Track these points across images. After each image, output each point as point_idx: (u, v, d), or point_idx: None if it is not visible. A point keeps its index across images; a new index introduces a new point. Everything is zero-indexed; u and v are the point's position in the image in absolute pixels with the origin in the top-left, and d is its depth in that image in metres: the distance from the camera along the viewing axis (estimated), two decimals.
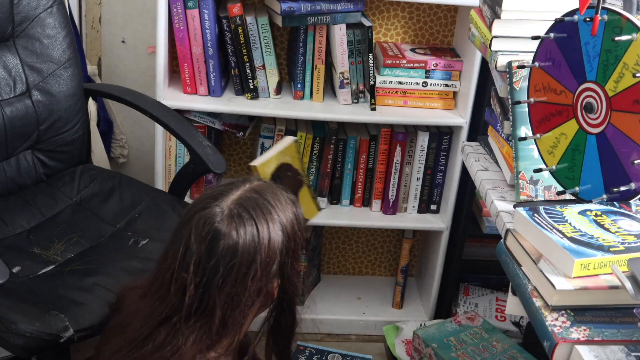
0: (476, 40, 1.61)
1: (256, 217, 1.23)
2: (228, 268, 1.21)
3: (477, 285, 2.49)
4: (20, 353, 1.51)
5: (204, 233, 1.21)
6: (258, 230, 1.23)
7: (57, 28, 1.90)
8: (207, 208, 1.23)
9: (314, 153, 2.24)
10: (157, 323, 1.24)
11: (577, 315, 1.07)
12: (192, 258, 1.21)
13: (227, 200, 1.25)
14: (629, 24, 1.15)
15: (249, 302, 1.25)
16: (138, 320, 1.27)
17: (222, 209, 1.23)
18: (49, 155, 1.95)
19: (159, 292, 1.26)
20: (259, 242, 1.23)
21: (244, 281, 1.22)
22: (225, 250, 1.20)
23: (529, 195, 1.38)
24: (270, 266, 1.26)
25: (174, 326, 1.23)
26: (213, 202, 1.24)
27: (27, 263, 1.67)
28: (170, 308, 1.23)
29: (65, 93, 1.92)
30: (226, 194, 1.26)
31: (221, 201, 1.24)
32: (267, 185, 1.31)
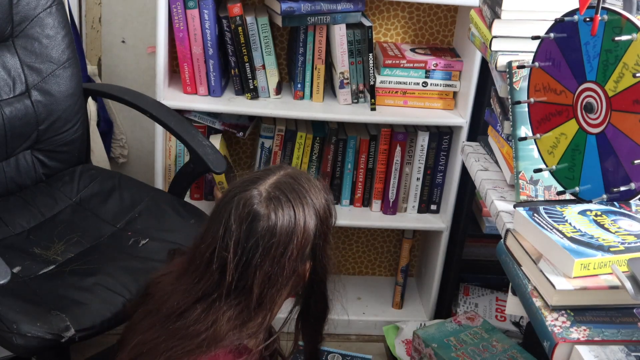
0: (476, 40, 1.61)
1: (293, 200, 1.30)
2: (267, 248, 1.27)
3: (477, 285, 2.49)
4: (22, 353, 1.51)
5: (244, 214, 1.27)
6: (295, 213, 1.30)
7: (57, 28, 1.90)
8: (246, 190, 1.30)
9: (314, 153, 2.24)
10: (194, 300, 1.30)
11: (577, 315, 1.07)
12: (231, 238, 1.27)
13: (265, 184, 1.31)
14: (629, 24, 1.15)
15: (284, 281, 1.31)
16: (174, 298, 1.32)
17: (261, 191, 1.30)
18: (49, 155, 1.95)
19: (196, 271, 1.32)
20: (296, 223, 1.29)
21: (281, 261, 1.29)
22: (264, 230, 1.27)
23: (529, 195, 1.38)
24: (305, 247, 1.32)
25: (212, 303, 1.29)
26: (252, 185, 1.31)
27: (27, 263, 1.67)
28: (207, 286, 1.29)
29: (65, 93, 1.92)
30: (264, 178, 1.33)
31: (259, 185, 1.31)
32: (301, 172, 1.38)
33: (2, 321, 1.46)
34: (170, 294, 1.35)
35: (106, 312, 1.56)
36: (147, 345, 1.31)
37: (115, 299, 1.59)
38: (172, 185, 1.98)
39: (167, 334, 1.30)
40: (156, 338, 1.31)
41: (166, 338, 1.29)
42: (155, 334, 1.31)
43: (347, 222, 2.30)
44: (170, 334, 1.30)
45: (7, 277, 1.41)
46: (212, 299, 1.29)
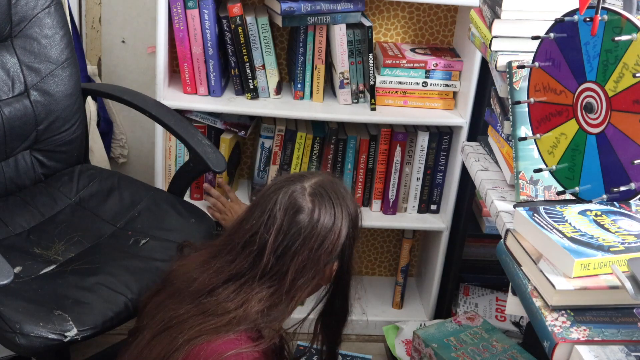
0: (476, 40, 1.61)
1: (334, 200, 1.42)
2: (306, 238, 1.38)
3: (477, 285, 2.49)
4: (25, 353, 1.51)
5: (289, 205, 1.39)
6: (335, 211, 1.41)
7: (55, 28, 1.90)
8: (293, 184, 1.42)
9: (314, 153, 2.24)
10: (225, 279, 1.40)
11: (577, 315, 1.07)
12: (274, 224, 1.38)
13: (309, 181, 1.44)
14: (629, 24, 1.15)
15: (315, 273, 1.42)
16: (203, 277, 1.41)
17: (305, 187, 1.42)
18: (48, 155, 1.95)
19: (231, 252, 1.42)
20: (334, 221, 1.41)
21: (317, 253, 1.40)
22: (306, 222, 1.39)
23: (529, 195, 1.38)
24: (338, 246, 1.43)
25: (244, 283, 1.38)
26: (297, 181, 1.43)
27: (28, 263, 1.67)
28: (241, 267, 1.40)
29: (64, 93, 1.92)
30: (307, 177, 1.45)
31: (304, 181, 1.43)
32: (339, 179, 1.52)
33: (5, 321, 1.46)
34: (199, 274, 1.43)
35: (108, 312, 1.56)
36: (175, 319, 1.38)
37: (117, 299, 1.59)
38: (171, 184, 1.98)
39: (196, 309, 1.38)
40: (184, 313, 1.38)
41: (195, 313, 1.37)
42: (183, 310, 1.39)
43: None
44: (199, 310, 1.37)
45: (10, 277, 1.41)
46: (244, 280, 1.39)
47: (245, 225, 1.42)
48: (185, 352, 1.32)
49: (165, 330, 1.38)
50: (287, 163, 2.24)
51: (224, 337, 1.34)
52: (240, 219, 1.46)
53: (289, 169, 2.24)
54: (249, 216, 1.43)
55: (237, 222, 1.47)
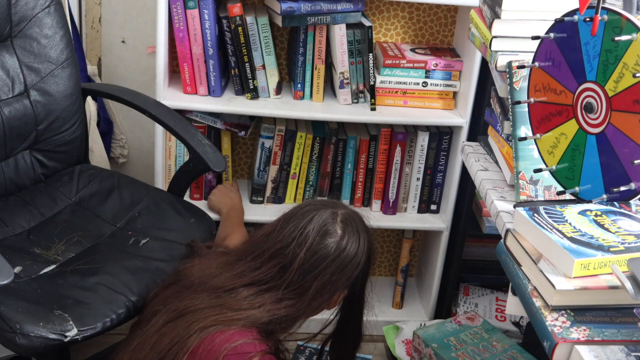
0: (476, 40, 1.61)
1: (360, 231, 1.52)
2: (332, 261, 1.48)
3: (477, 285, 2.49)
4: (25, 353, 1.51)
5: (322, 228, 1.48)
6: (359, 242, 1.51)
7: (55, 28, 1.90)
8: (327, 209, 1.52)
9: (314, 153, 2.24)
10: (248, 282, 1.48)
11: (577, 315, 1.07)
12: (305, 242, 1.47)
13: (340, 210, 1.53)
14: (629, 24, 1.15)
15: (330, 296, 1.53)
16: (224, 276, 1.50)
17: (337, 214, 1.52)
18: (47, 156, 1.95)
19: (257, 259, 1.50)
20: (357, 251, 1.51)
21: (337, 277, 1.49)
22: (335, 247, 1.48)
23: (529, 195, 1.38)
24: (354, 275, 1.53)
25: (266, 290, 1.47)
26: (331, 207, 1.53)
27: (28, 263, 1.67)
28: (267, 275, 1.48)
29: (64, 93, 1.92)
30: (340, 206, 1.55)
31: (337, 209, 1.53)
32: (360, 213, 1.59)
33: (5, 321, 1.46)
34: (220, 273, 1.51)
35: (108, 312, 1.56)
36: (190, 308, 1.44)
37: (117, 299, 1.59)
38: (171, 184, 1.98)
39: (213, 301, 1.45)
40: (200, 303, 1.45)
41: (212, 305, 1.44)
42: (200, 300, 1.46)
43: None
44: (216, 302, 1.45)
45: (10, 277, 1.41)
46: (266, 287, 1.47)
47: (276, 237, 1.51)
48: (199, 339, 1.38)
49: (180, 317, 1.44)
50: (287, 163, 2.24)
51: (237, 329, 1.40)
52: (269, 229, 1.54)
53: (289, 169, 2.25)
54: (281, 229, 1.51)
55: (265, 232, 1.54)
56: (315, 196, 2.30)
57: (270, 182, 2.26)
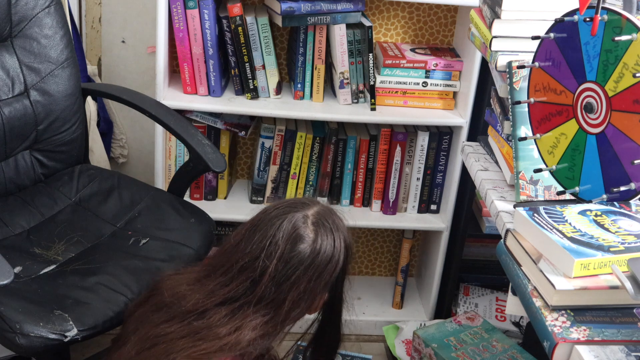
0: (476, 40, 1.61)
1: (334, 230, 1.41)
2: (307, 268, 1.36)
3: (477, 285, 2.49)
4: (25, 353, 1.51)
5: (292, 234, 1.37)
6: (334, 242, 1.40)
7: (55, 28, 1.90)
8: (294, 212, 1.40)
9: (314, 153, 2.24)
10: (218, 302, 1.35)
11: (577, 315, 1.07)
12: (275, 252, 1.35)
13: (310, 210, 1.41)
14: (629, 24, 1.15)
15: (309, 304, 1.42)
16: (194, 297, 1.37)
17: (307, 215, 1.40)
18: (47, 156, 1.95)
19: (227, 274, 1.38)
20: (334, 252, 1.40)
21: (315, 284, 1.38)
22: (308, 253, 1.37)
23: (529, 195, 1.38)
24: (333, 276, 1.42)
25: (238, 308, 1.35)
26: (298, 209, 1.41)
27: (28, 263, 1.67)
28: (237, 291, 1.36)
29: (63, 93, 1.92)
30: (309, 205, 1.43)
31: (305, 210, 1.41)
32: (333, 209, 1.48)
33: (5, 321, 1.46)
34: (190, 293, 1.38)
35: (108, 312, 1.56)
36: (163, 338, 1.34)
37: (117, 298, 1.59)
38: (171, 184, 1.98)
39: (186, 330, 1.34)
40: (173, 332, 1.34)
41: (185, 335, 1.33)
42: (172, 328, 1.35)
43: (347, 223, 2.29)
44: (190, 331, 1.34)
45: (10, 277, 1.41)
46: (238, 305, 1.35)
47: (244, 249, 1.38)
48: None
49: (153, 347, 1.35)
50: (287, 163, 2.24)
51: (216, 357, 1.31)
52: (236, 240, 1.41)
53: (289, 169, 2.25)
54: (248, 239, 1.39)
55: (233, 242, 1.42)
56: (316, 196, 2.30)
57: (270, 182, 2.26)
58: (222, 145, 2.25)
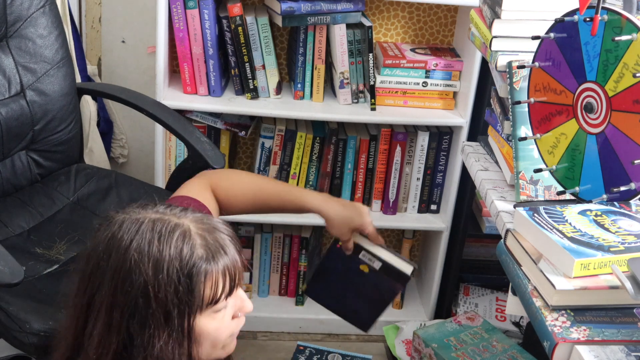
0: (476, 40, 1.61)
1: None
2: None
3: (477, 285, 2.49)
4: (34, 352, 1.52)
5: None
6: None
7: (50, 27, 1.90)
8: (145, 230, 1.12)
9: (314, 153, 2.24)
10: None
11: (577, 315, 1.07)
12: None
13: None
14: (629, 24, 1.15)
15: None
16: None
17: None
18: (44, 156, 1.94)
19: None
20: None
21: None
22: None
23: (529, 195, 1.38)
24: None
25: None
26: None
27: (31, 263, 1.68)
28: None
29: (59, 92, 1.92)
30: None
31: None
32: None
33: (14, 321, 1.48)
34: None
35: None
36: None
37: None
38: (170, 181, 1.98)
39: None
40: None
41: None
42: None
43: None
44: None
45: (21, 276, 1.42)
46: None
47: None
48: None
49: None
50: (287, 163, 2.24)
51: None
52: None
53: (289, 168, 2.24)
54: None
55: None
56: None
57: None
58: (222, 145, 2.25)
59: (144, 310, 1.07)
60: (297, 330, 2.42)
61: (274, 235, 2.37)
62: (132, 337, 1.08)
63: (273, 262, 2.42)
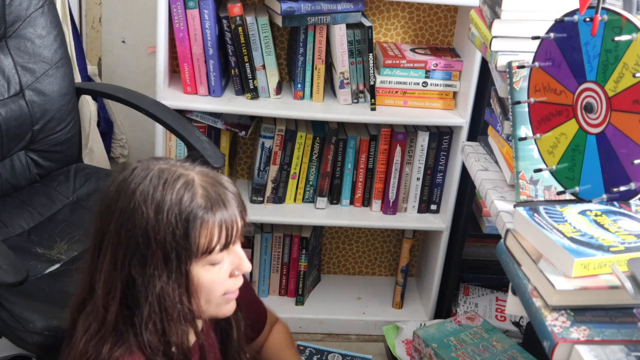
0: (476, 40, 1.61)
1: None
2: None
3: (477, 285, 2.49)
4: (37, 351, 1.53)
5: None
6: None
7: (49, 28, 1.90)
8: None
9: (314, 153, 2.24)
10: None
11: (577, 315, 1.07)
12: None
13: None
14: (629, 24, 1.15)
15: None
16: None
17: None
18: (43, 156, 1.95)
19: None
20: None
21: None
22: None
23: (529, 195, 1.38)
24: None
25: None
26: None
27: (32, 263, 1.68)
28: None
29: (58, 92, 1.92)
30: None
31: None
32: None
33: (18, 320, 1.48)
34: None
35: None
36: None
37: None
38: None
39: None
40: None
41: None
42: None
43: (347, 222, 2.30)
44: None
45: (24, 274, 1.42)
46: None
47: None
48: None
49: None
50: (287, 163, 2.24)
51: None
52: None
53: (289, 168, 2.25)
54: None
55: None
56: (316, 196, 2.30)
57: (270, 182, 2.26)
58: (222, 145, 2.25)
59: (144, 250, 1.14)
60: (297, 330, 2.42)
61: (274, 235, 2.37)
62: (133, 277, 1.16)
63: (273, 262, 2.42)
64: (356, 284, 2.58)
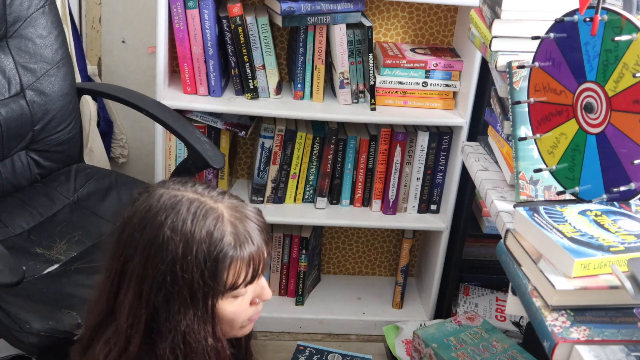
0: (476, 40, 1.61)
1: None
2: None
3: (477, 285, 2.49)
4: (34, 351, 1.52)
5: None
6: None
7: (49, 27, 1.90)
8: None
9: (314, 153, 2.24)
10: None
11: (577, 315, 1.07)
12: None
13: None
14: (629, 24, 1.15)
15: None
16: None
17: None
18: (44, 156, 1.95)
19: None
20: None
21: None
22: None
23: (529, 195, 1.38)
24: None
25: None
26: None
27: (31, 263, 1.68)
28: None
29: (59, 92, 1.92)
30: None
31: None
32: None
33: (15, 321, 1.48)
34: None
35: None
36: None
37: None
38: None
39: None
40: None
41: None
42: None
43: (347, 222, 2.30)
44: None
45: (20, 275, 1.42)
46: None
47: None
48: None
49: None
50: (287, 163, 2.24)
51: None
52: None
53: (289, 168, 2.25)
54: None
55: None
56: (316, 196, 2.30)
57: (270, 182, 2.26)
58: (222, 145, 2.25)
59: (171, 287, 1.12)
60: (297, 330, 2.42)
61: (274, 235, 2.37)
62: (157, 311, 1.14)
63: (273, 262, 2.42)
64: (356, 284, 2.58)
